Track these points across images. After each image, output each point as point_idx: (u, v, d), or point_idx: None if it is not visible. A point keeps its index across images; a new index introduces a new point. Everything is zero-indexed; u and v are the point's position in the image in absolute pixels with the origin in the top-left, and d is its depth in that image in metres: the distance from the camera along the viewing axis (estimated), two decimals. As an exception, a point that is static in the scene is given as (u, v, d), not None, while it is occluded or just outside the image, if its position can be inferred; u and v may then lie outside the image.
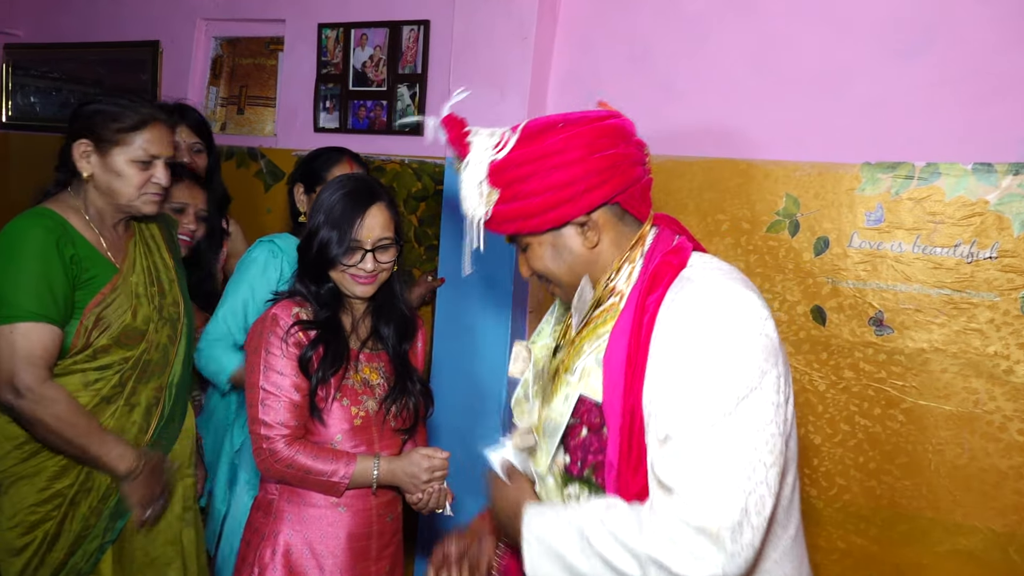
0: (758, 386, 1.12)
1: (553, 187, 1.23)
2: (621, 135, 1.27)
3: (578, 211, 1.24)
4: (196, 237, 2.33)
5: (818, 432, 2.18)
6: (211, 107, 3.32)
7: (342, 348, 1.78)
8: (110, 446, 1.81)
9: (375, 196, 1.79)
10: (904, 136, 2.08)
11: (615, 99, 2.41)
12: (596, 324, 1.29)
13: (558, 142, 1.23)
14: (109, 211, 1.87)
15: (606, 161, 1.24)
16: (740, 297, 1.18)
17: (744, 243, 2.26)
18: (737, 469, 1.09)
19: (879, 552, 2.12)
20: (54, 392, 1.75)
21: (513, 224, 1.27)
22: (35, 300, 1.73)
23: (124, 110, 1.83)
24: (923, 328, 2.07)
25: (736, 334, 1.14)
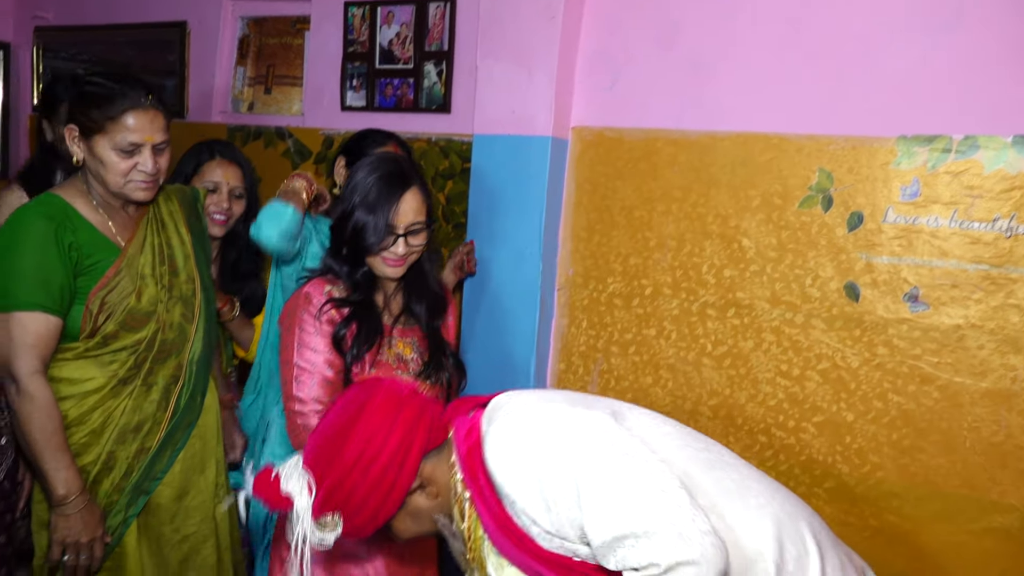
0: (587, 452, 1.24)
1: (378, 481, 1.33)
2: (396, 402, 1.38)
3: (408, 482, 1.35)
4: (232, 216, 2.33)
5: (851, 409, 2.17)
6: (238, 87, 3.33)
7: (375, 325, 1.80)
8: (60, 467, 1.77)
9: (409, 180, 1.80)
10: (941, 108, 2.04)
11: (646, 74, 2.40)
12: (473, 534, 1.40)
13: (354, 447, 1.32)
14: (109, 195, 1.88)
15: (401, 428, 1.35)
16: (518, 417, 1.32)
17: (776, 219, 2.24)
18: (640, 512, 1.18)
19: (912, 530, 2.11)
20: (37, 390, 1.76)
21: (370, 525, 1.37)
22: (31, 289, 1.75)
23: (108, 94, 1.80)
24: (959, 304, 2.04)
25: (540, 440, 1.28)
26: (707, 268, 2.34)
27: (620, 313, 2.48)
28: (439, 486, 1.40)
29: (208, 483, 2.06)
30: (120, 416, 1.89)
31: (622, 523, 1.19)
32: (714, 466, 1.35)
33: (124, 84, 1.81)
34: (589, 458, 1.24)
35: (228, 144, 2.46)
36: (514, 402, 1.37)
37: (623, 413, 1.38)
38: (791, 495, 1.43)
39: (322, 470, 1.33)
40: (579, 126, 2.51)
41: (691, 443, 1.37)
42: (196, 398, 2.01)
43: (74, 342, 1.84)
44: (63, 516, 1.79)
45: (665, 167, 2.38)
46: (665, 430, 1.38)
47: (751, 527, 1.29)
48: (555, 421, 1.30)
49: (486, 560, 1.39)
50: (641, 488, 1.20)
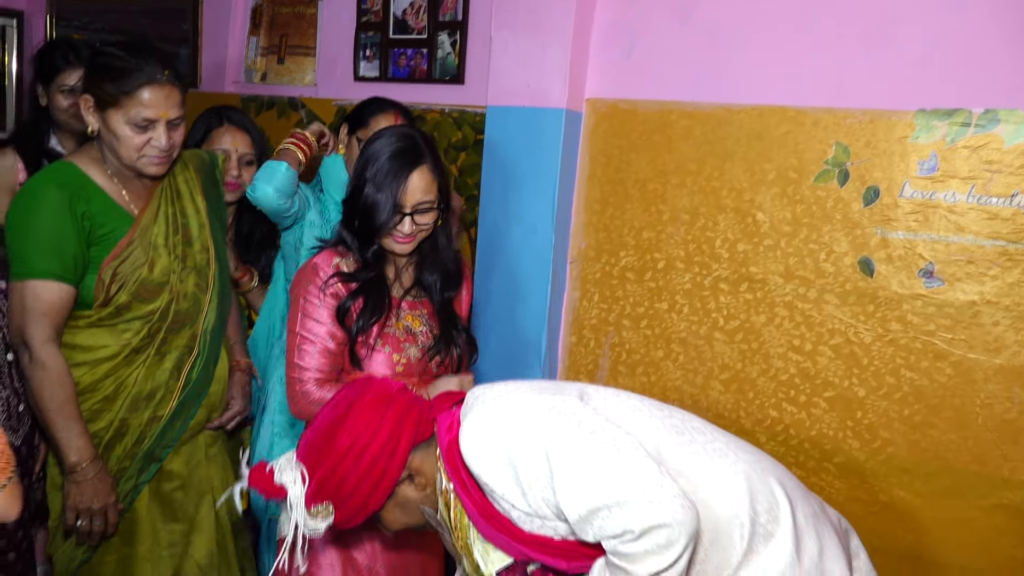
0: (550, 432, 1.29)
1: (368, 471, 1.37)
2: (384, 398, 1.43)
3: (398, 471, 1.40)
4: (243, 183, 2.33)
5: (862, 385, 2.16)
6: (251, 57, 3.32)
7: (381, 299, 1.81)
8: (72, 435, 1.80)
9: (420, 158, 1.79)
10: (961, 82, 2.00)
11: (661, 45, 2.37)
12: (459, 523, 1.45)
13: (345, 438, 1.37)
14: (123, 166, 1.87)
15: (390, 421, 1.40)
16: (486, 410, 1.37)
17: (791, 193, 2.22)
18: (609, 485, 1.23)
19: (922, 505, 2.11)
20: (49, 358, 1.78)
21: (361, 514, 1.42)
22: (45, 258, 1.77)
23: (124, 68, 1.78)
24: (975, 280, 2.02)
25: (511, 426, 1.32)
26: (720, 242, 2.33)
27: (632, 287, 2.47)
28: (427, 478, 1.45)
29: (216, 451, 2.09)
30: (133, 384, 1.91)
31: (594, 496, 1.24)
32: (681, 431, 1.40)
33: (140, 58, 1.79)
34: (557, 438, 1.29)
35: (237, 110, 2.46)
36: (485, 395, 1.42)
37: (589, 394, 1.43)
38: (760, 452, 1.48)
39: (314, 461, 1.38)
40: (593, 98, 2.49)
41: (656, 413, 1.42)
42: (209, 368, 2.03)
43: (87, 310, 1.85)
44: (75, 483, 1.81)
45: (680, 140, 2.36)
46: (631, 403, 1.43)
47: (722, 486, 1.34)
48: (522, 408, 1.35)
49: (472, 547, 1.44)
50: (609, 461, 1.26)
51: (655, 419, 1.40)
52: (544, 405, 1.35)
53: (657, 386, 2.43)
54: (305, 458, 1.39)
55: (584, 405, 1.37)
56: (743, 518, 1.32)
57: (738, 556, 1.31)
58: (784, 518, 1.34)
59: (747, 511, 1.33)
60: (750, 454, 1.43)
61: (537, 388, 1.42)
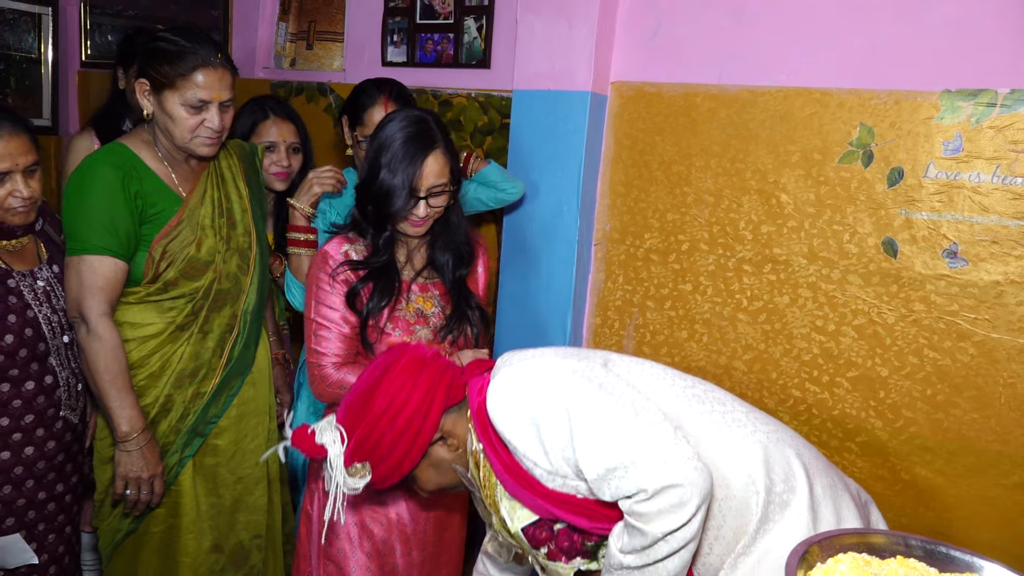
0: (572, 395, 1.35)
1: (402, 433, 1.44)
2: (419, 363, 1.49)
3: (432, 431, 1.47)
4: (292, 170, 2.41)
5: (885, 364, 2.18)
6: (280, 43, 3.37)
7: (391, 283, 1.85)
8: (125, 406, 1.88)
9: (434, 141, 1.82)
10: (987, 62, 2.00)
11: (686, 28, 2.38)
12: (488, 481, 1.50)
13: (382, 400, 1.44)
14: (174, 148, 1.94)
15: (424, 385, 1.46)
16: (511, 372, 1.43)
17: (815, 174, 2.23)
18: (624, 445, 1.29)
19: (943, 484, 2.13)
20: (105, 331, 1.86)
21: (396, 473, 1.48)
22: (100, 235, 1.84)
23: (179, 52, 1.85)
24: (999, 260, 2.03)
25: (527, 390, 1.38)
26: (744, 224, 2.35)
27: (656, 268, 2.50)
28: (458, 439, 1.51)
29: (262, 428, 2.15)
30: (178, 361, 1.98)
31: (610, 456, 1.30)
32: (702, 400, 1.45)
33: (195, 42, 1.87)
34: (577, 399, 1.34)
35: (279, 101, 2.52)
36: (513, 359, 1.48)
37: (613, 360, 1.49)
38: (779, 424, 1.51)
39: (352, 422, 1.45)
40: (619, 81, 2.52)
41: (678, 382, 1.48)
42: (250, 347, 2.10)
43: (136, 287, 1.93)
44: (126, 452, 1.89)
45: (704, 122, 2.38)
46: (654, 372, 1.48)
47: (738, 454, 1.39)
48: (546, 371, 1.41)
49: (500, 504, 1.49)
50: (625, 422, 1.31)
51: (677, 387, 1.46)
52: (568, 369, 1.41)
53: (681, 366, 2.46)
54: (344, 420, 1.46)
55: (607, 371, 1.43)
56: (758, 486, 1.36)
57: (755, 523, 1.35)
58: (800, 488, 1.37)
59: (763, 479, 1.36)
60: (768, 425, 1.47)
61: (563, 354, 1.48)
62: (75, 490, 2.05)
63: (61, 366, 1.93)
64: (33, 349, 1.87)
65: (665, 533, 1.27)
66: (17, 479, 1.88)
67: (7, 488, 1.87)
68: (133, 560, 2.05)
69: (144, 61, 1.90)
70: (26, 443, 1.89)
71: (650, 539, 1.28)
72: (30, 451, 1.90)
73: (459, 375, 1.54)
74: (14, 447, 1.87)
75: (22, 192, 1.82)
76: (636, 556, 1.31)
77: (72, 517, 2.05)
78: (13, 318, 1.84)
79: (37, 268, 1.93)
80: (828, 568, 1.10)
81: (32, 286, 1.90)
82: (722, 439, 1.39)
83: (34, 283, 1.90)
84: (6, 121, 1.79)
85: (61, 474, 1.97)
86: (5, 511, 1.88)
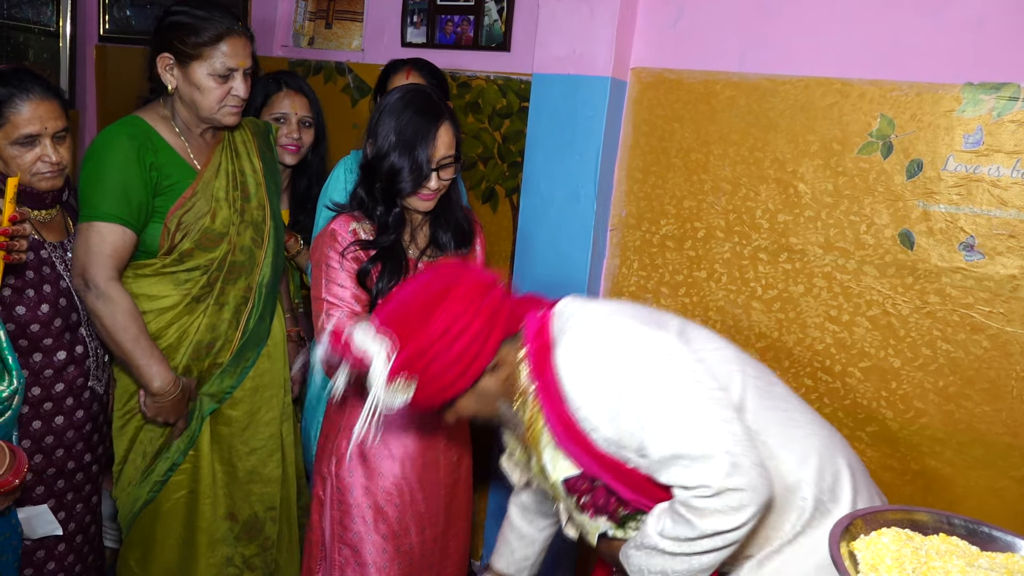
0: (658, 370, 1.33)
1: (458, 357, 1.37)
2: (484, 287, 1.43)
3: (486, 361, 1.41)
4: (303, 144, 2.41)
5: (898, 356, 2.19)
6: (299, 21, 3.38)
7: (399, 262, 1.85)
8: (152, 361, 1.92)
9: (441, 113, 1.83)
10: (1010, 56, 2.00)
11: (708, 15, 2.38)
12: (534, 423, 1.47)
13: (442, 320, 1.36)
14: (193, 121, 1.97)
15: (487, 312, 1.40)
16: (593, 327, 1.39)
17: (834, 164, 2.24)
18: (701, 436, 1.27)
19: (953, 475, 2.15)
20: (116, 294, 1.88)
21: (439, 397, 1.42)
22: (113, 203, 1.87)
23: (202, 23, 1.88)
24: (1016, 254, 2.03)
25: (612, 353, 1.35)
26: (761, 212, 2.35)
27: (672, 255, 2.51)
28: (508, 372, 1.46)
29: (276, 401, 2.18)
30: (195, 333, 2.01)
31: (681, 444, 1.27)
32: (766, 394, 1.43)
33: (215, 12, 1.90)
34: (657, 379, 1.32)
35: (294, 75, 2.52)
36: (586, 313, 1.43)
37: (688, 334, 1.44)
38: (832, 430, 1.51)
39: (406, 335, 1.35)
40: (639, 67, 2.52)
41: (747, 369, 1.45)
42: (265, 320, 2.13)
43: (152, 259, 1.95)
44: (159, 404, 1.96)
45: (724, 110, 2.38)
46: (725, 354, 1.45)
47: (795, 456, 1.38)
48: (627, 339, 1.37)
49: (543, 451, 1.46)
50: (703, 414, 1.29)
51: (746, 376, 1.44)
52: (648, 340, 1.37)
53: (694, 352, 2.48)
54: (395, 330, 1.37)
55: (685, 347, 1.39)
56: (806, 492, 1.36)
57: (793, 526, 1.36)
58: (844, 499, 1.38)
59: (813, 488, 1.36)
60: (824, 429, 1.46)
61: (638, 317, 1.43)
62: (100, 460, 2.09)
63: (91, 336, 1.96)
64: (67, 319, 1.90)
65: (715, 532, 1.27)
66: (47, 448, 1.92)
67: (38, 457, 1.91)
68: (151, 527, 2.09)
69: (165, 35, 1.92)
70: (56, 412, 1.92)
71: (697, 533, 1.28)
72: (60, 420, 1.93)
73: (516, 306, 1.48)
74: (45, 416, 1.91)
75: (51, 156, 1.83)
76: (675, 544, 1.31)
77: (98, 486, 2.09)
78: (48, 288, 1.87)
79: (67, 240, 1.96)
80: (871, 539, 1.13)
81: (63, 257, 1.92)
82: (781, 439, 1.38)
83: (64, 255, 1.93)
84: (37, 86, 1.81)
85: (88, 444, 2.01)
86: (36, 480, 1.92)
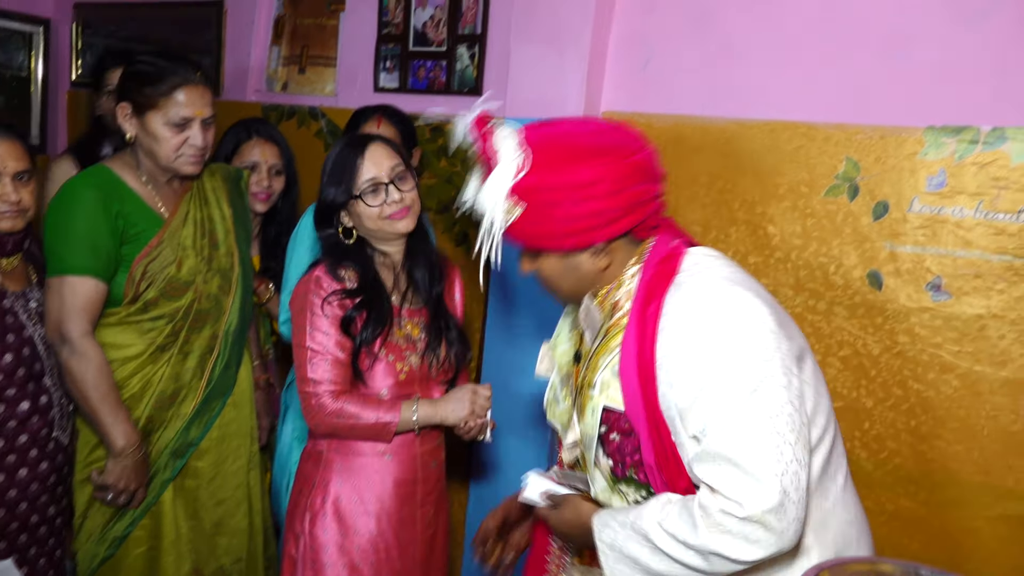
0: (765, 374, 1.20)
1: (580, 217, 1.26)
2: (648, 172, 1.32)
3: (599, 239, 1.30)
4: (273, 192, 2.41)
5: (870, 396, 2.20)
6: (273, 66, 3.39)
7: (385, 311, 1.82)
8: (119, 420, 1.89)
9: (368, 139, 1.83)
10: (970, 100, 2.05)
11: (677, 60, 2.42)
12: (608, 338, 1.36)
13: (590, 174, 1.25)
14: (157, 169, 1.96)
15: (632, 199, 1.29)
16: (726, 295, 1.25)
17: (802, 207, 2.26)
18: (767, 456, 1.16)
19: (928, 515, 2.14)
20: (90, 349, 1.86)
21: (533, 240, 1.33)
22: (82, 255, 1.85)
23: (159, 72, 1.88)
24: (982, 294, 2.06)
25: (731, 332, 1.22)
26: (732, 254, 2.37)
27: (644, 296, 2.51)
28: (612, 270, 1.36)
29: (244, 451, 2.14)
30: (158, 382, 1.97)
31: (746, 452, 1.17)
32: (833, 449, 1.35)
33: (173, 61, 1.90)
34: (760, 384, 1.19)
35: (264, 123, 2.53)
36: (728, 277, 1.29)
37: (805, 360, 1.33)
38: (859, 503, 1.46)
39: (544, 164, 1.26)
40: (609, 111, 2.55)
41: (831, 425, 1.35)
42: (231, 368, 2.09)
43: (116, 307, 1.93)
44: (120, 464, 1.90)
45: (692, 153, 2.41)
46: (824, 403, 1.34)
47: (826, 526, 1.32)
48: (753, 329, 1.23)
49: (600, 366, 1.36)
50: (784, 443, 1.17)
51: (827, 431, 1.34)
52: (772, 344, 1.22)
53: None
54: (537, 151, 1.26)
55: (797, 370, 1.26)
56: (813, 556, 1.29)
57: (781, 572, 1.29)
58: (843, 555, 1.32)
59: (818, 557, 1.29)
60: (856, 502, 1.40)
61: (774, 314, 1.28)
62: (65, 513, 2.03)
63: (55, 386, 1.92)
64: (30, 369, 1.86)
65: (714, 552, 1.18)
66: (11, 502, 1.86)
67: (1, 512, 1.85)
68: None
69: (125, 85, 1.93)
70: (20, 465, 1.87)
71: (696, 543, 1.19)
72: (24, 473, 1.88)
73: (654, 215, 1.36)
74: (9, 469, 1.85)
75: (10, 196, 1.80)
76: (667, 540, 1.22)
77: (62, 541, 2.03)
78: (12, 337, 1.83)
79: (29, 289, 1.92)
80: None
81: (25, 307, 1.89)
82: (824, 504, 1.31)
83: (27, 304, 1.90)
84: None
85: (53, 496, 1.95)
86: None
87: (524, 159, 1.26)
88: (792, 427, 1.19)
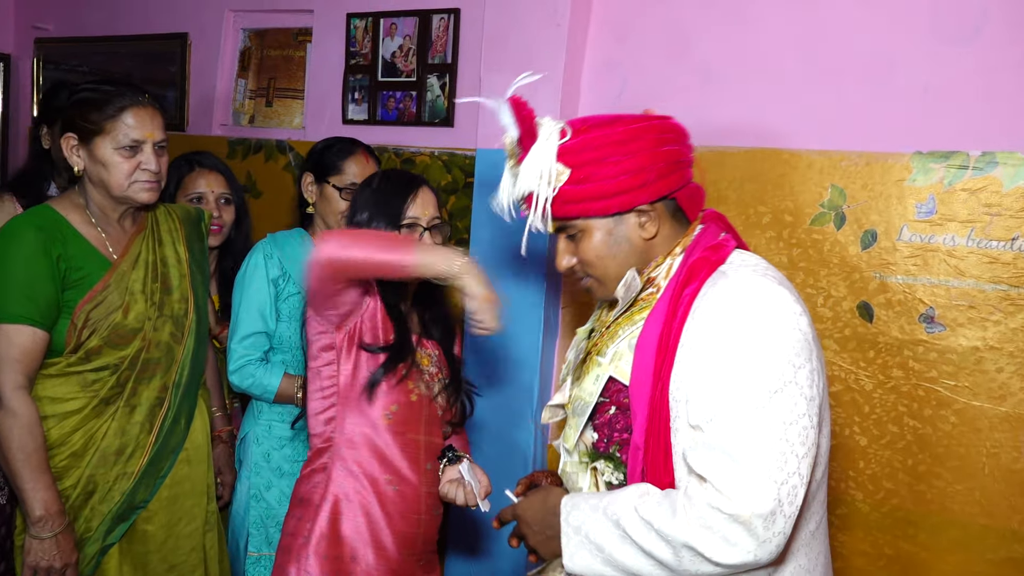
0: (792, 380, 1.17)
1: (627, 172, 1.28)
2: (681, 135, 1.36)
3: (646, 198, 1.30)
4: (224, 224, 2.30)
5: (864, 433, 2.10)
6: (239, 100, 3.30)
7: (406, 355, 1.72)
8: (39, 487, 1.71)
9: (421, 179, 1.79)
10: (958, 124, 1.98)
11: (653, 88, 2.34)
12: (633, 311, 1.35)
13: (631, 132, 1.29)
14: (109, 204, 1.84)
15: (672, 156, 1.31)
16: (772, 293, 1.23)
17: (787, 236, 2.17)
18: (770, 460, 1.13)
19: (929, 559, 2.04)
20: (20, 406, 1.71)
21: (579, 205, 1.31)
22: (19, 302, 1.71)
23: (105, 96, 1.78)
24: (977, 325, 1.97)
25: (769, 329, 1.19)
26: (716, 286, 2.28)
27: (626, 332, 2.42)
28: (656, 241, 1.34)
29: (199, 510, 1.99)
30: (103, 438, 1.83)
31: (750, 450, 1.13)
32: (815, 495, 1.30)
33: (120, 85, 1.81)
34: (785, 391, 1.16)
35: (206, 153, 2.44)
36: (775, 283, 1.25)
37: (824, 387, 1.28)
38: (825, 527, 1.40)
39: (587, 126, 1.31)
40: (584, 140, 2.46)
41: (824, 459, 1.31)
42: (180, 422, 1.95)
43: (57, 357, 1.79)
44: (38, 539, 1.72)
45: (672, 183, 2.32)
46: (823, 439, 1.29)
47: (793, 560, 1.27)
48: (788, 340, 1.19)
49: (619, 336, 1.34)
50: (791, 453, 1.14)
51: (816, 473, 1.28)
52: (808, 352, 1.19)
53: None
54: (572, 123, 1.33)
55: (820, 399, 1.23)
56: None
57: None
58: None
59: None
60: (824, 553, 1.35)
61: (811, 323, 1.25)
62: None
63: None
64: None
65: (687, 545, 1.14)
66: None
67: None
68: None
69: (70, 113, 1.81)
70: None
71: (670, 531, 1.15)
72: None
73: (699, 190, 1.39)
74: None
75: None
76: (640, 527, 1.17)
77: None
78: None
79: None
80: None
81: None
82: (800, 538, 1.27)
83: None
84: None
85: None
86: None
87: (561, 130, 1.31)
88: (803, 441, 1.15)
